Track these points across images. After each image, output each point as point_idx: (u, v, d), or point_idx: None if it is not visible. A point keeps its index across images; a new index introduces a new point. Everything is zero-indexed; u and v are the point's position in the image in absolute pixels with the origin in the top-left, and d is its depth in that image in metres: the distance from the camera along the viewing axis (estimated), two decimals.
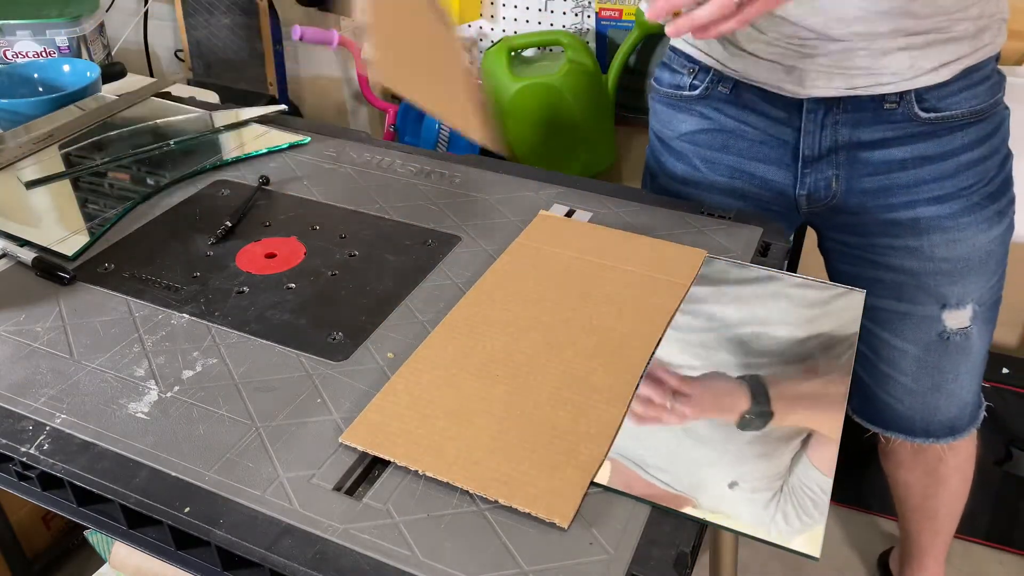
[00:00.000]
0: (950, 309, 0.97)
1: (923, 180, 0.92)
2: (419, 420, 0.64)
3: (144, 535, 0.61)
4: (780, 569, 1.51)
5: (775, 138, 0.96)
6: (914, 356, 1.01)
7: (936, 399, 1.04)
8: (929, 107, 0.89)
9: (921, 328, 0.99)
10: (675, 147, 1.04)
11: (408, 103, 1.85)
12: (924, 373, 1.02)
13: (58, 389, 0.68)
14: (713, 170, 1.01)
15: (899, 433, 1.08)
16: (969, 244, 0.94)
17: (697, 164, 1.02)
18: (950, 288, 0.96)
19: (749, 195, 1.01)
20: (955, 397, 1.04)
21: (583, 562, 0.54)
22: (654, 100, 1.07)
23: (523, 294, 0.78)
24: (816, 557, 0.55)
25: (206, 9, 1.98)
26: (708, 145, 1.00)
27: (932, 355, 1.01)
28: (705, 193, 1.03)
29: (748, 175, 0.99)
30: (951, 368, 1.01)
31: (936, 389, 1.03)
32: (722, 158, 1.00)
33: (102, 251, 0.86)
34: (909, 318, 1.00)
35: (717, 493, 0.59)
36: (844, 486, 1.61)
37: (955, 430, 1.07)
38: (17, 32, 1.46)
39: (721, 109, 0.98)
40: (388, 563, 0.54)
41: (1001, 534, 1.53)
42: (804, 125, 0.93)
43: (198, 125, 1.11)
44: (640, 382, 0.68)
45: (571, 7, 1.68)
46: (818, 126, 0.92)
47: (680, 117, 1.02)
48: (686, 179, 1.04)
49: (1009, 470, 1.45)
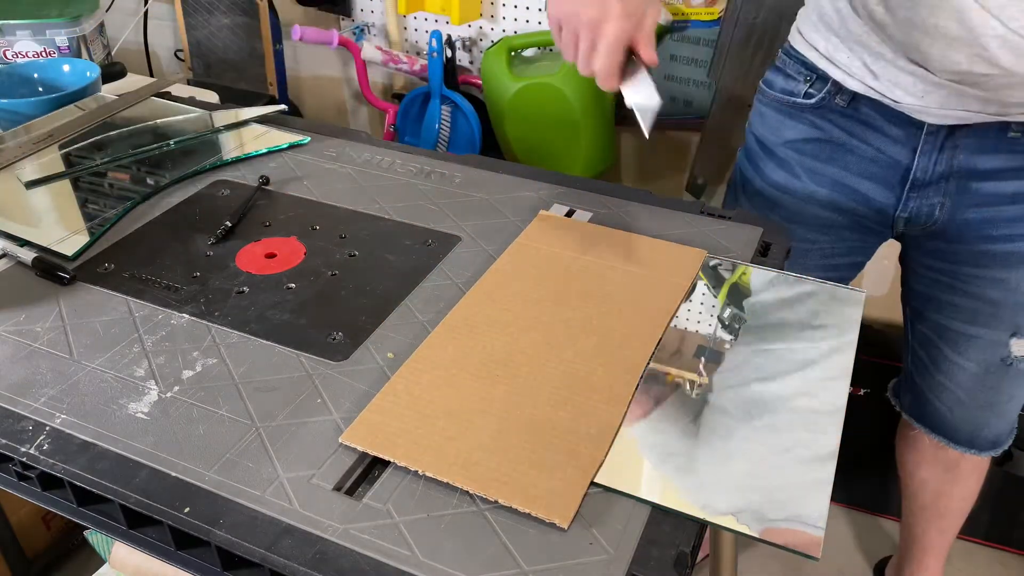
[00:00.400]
0: (1020, 337, 0.97)
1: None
2: (419, 420, 0.64)
3: (144, 535, 0.61)
4: (780, 569, 1.51)
5: (887, 157, 0.93)
6: (973, 374, 1.01)
7: (987, 416, 1.05)
8: None
9: (987, 351, 0.99)
10: (778, 153, 1.01)
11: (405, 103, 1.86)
12: (980, 391, 1.02)
13: (58, 389, 0.68)
14: (814, 180, 0.99)
15: (944, 438, 1.09)
16: None
17: (799, 172, 1.00)
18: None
19: (846, 209, 0.99)
20: (1006, 416, 1.05)
21: (583, 562, 0.54)
22: (760, 103, 1.04)
23: (523, 294, 0.78)
24: (816, 557, 0.55)
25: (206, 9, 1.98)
26: (813, 155, 0.98)
27: (992, 376, 1.01)
28: (801, 203, 1.01)
29: (851, 190, 0.97)
30: (1008, 390, 1.02)
31: (989, 407, 1.04)
32: (826, 169, 0.97)
33: (102, 251, 0.86)
34: (977, 340, 1.00)
35: (717, 493, 0.59)
36: (844, 486, 1.61)
37: (997, 444, 1.08)
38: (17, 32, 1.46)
39: (834, 120, 0.95)
40: (388, 563, 0.54)
41: (1001, 534, 1.53)
42: (921, 147, 0.90)
43: (198, 125, 1.11)
44: (640, 382, 0.68)
45: None
46: (936, 148, 0.89)
47: (789, 124, 0.99)
48: (785, 187, 1.01)
49: (1009, 470, 1.45)
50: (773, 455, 0.62)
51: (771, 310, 0.77)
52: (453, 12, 1.67)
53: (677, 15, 1.56)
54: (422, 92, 1.83)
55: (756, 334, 0.75)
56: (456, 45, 1.79)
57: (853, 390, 1.19)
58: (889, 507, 1.59)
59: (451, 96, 1.78)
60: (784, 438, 0.64)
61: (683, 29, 1.57)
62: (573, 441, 0.62)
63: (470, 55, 1.84)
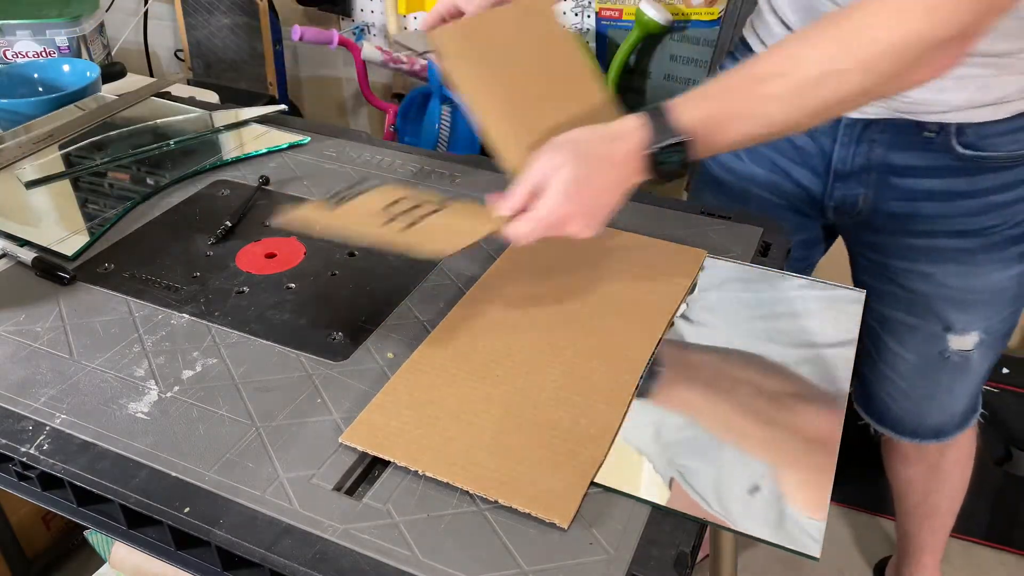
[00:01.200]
0: (955, 333, 0.99)
1: (948, 214, 0.91)
2: (419, 420, 0.64)
3: (144, 535, 0.61)
4: (780, 569, 1.51)
5: (815, 144, 0.95)
6: (913, 364, 1.02)
7: (928, 406, 1.06)
8: (967, 143, 0.87)
9: (925, 343, 1.00)
10: None
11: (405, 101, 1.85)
12: (920, 382, 1.04)
13: (58, 389, 0.68)
14: (755, 161, 1.02)
15: (889, 430, 1.11)
16: (983, 279, 0.94)
17: (741, 153, 1.03)
18: (957, 315, 0.97)
19: (784, 192, 1.01)
20: (946, 408, 1.07)
21: (583, 562, 0.54)
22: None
23: (523, 294, 0.78)
24: (816, 557, 0.55)
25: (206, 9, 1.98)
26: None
27: (930, 368, 1.02)
28: (745, 183, 1.03)
29: (785, 173, 1.00)
30: (947, 382, 1.03)
31: (930, 398, 1.06)
32: (765, 151, 1.01)
33: (102, 251, 0.86)
34: (915, 331, 1.01)
35: (717, 493, 0.59)
36: (844, 486, 1.61)
37: (941, 434, 1.09)
38: (17, 32, 1.46)
39: None
40: (388, 563, 0.54)
41: (1001, 534, 1.52)
42: (840, 138, 0.92)
43: (198, 125, 1.11)
44: (640, 382, 0.68)
45: (571, 7, 1.68)
46: (853, 141, 0.91)
47: None
48: (730, 167, 1.05)
49: (1009, 470, 1.45)
50: (773, 455, 0.62)
51: (771, 309, 0.77)
52: None
53: (677, 15, 1.56)
54: (422, 92, 1.83)
55: (756, 334, 0.75)
56: None
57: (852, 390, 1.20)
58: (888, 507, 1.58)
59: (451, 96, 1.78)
60: (784, 438, 0.64)
61: (683, 29, 1.57)
62: (573, 441, 0.62)
63: None
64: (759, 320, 0.76)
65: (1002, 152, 0.87)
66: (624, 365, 0.70)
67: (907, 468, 1.21)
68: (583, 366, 0.69)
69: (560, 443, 0.62)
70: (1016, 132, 0.86)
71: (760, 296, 0.79)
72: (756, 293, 0.79)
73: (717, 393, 0.68)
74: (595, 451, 0.62)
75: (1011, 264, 0.94)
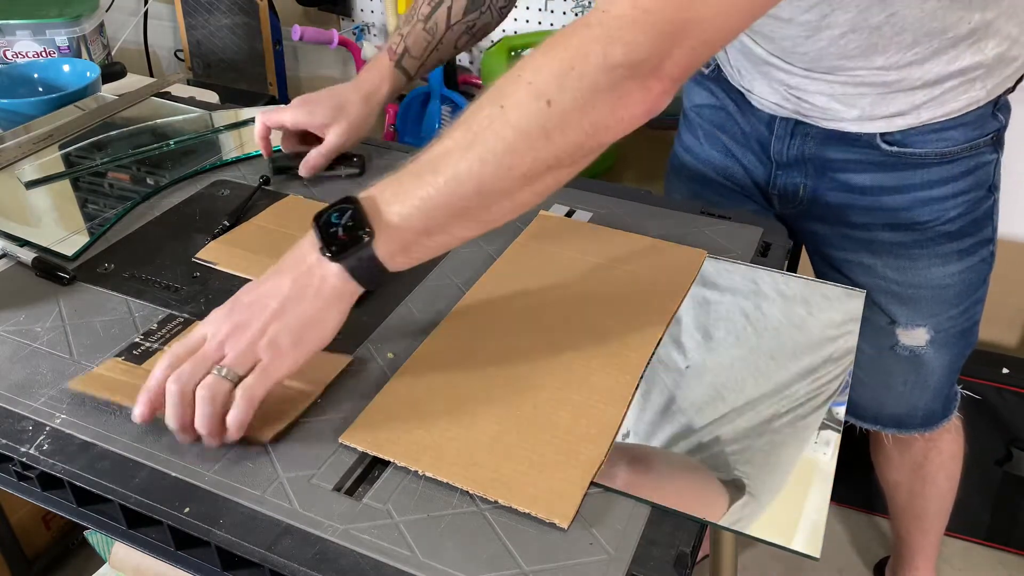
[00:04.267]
0: (901, 327, 1.00)
1: (879, 207, 0.92)
2: (419, 420, 0.64)
3: (144, 535, 0.61)
4: (780, 569, 1.51)
5: (758, 133, 0.97)
6: (868, 355, 1.03)
7: (885, 396, 1.07)
8: (892, 141, 0.88)
9: (877, 335, 1.01)
10: (689, 116, 1.08)
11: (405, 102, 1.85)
12: (875, 371, 1.05)
13: (58, 389, 0.68)
14: (711, 144, 1.04)
15: (851, 417, 1.11)
16: (921, 275, 0.95)
17: (700, 136, 1.05)
18: (899, 308, 0.98)
19: (736, 179, 1.03)
20: (904, 399, 1.07)
21: (583, 562, 0.54)
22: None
23: (523, 294, 0.78)
24: (816, 557, 0.55)
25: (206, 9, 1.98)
26: (710, 120, 1.03)
27: (884, 359, 1.03)
28: (703, 166, 1.05)
29: (736, 159, 1.02)
30: (900, 375, 1.04)
31: (886, 388, 1.06)
32: (719, 136, 1.02)
33: (102, 251, 0.86)
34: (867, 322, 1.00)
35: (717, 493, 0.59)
36: (844, 486, 1.61)
37: (903, 425, 1.10)
38: (17, 32, 1.46)
39: (727, 91, 1.00)
40: (388, 563, 0.54)
41: (1001, 534, 1.53)
42: (776, 130, 0.94)
43: (198, 125, 1.11)
44: (640, 382, 0.68)
45: (571, 7, 1.68)
46: (788, 133, 0.94)
47: (695, 89, 1.05)
48: (690, 149, 1.08)
49: (1009, 470, 1.45)
50: (773, 455, 0.62)
51: (771, 310, 0.77)
52: None
53: None
54: (422, 92, 1.83)
55: (756, 334, 0.75)
56: None
57: None
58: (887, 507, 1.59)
59: (451, 96, 1.78)
60: (784, 438, 0.64)
61: None
62: (573, 441, 0.62)
63: (470, 55, 1.84)
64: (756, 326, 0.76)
65: (929, 149, 0.88)
66: (624, 365, 0.70)
67: (892, 471, 1.22)
68: (583, 366, 0.69)
69: (560, 443, 0.62)
70: (940, 131, 0.87)
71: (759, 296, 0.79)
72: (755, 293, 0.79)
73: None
74: (595, 451, 0.61)
75: (950, 260, 0.94)
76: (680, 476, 0.62)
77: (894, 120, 0.86)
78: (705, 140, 1.05)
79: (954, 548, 1.50)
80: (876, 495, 1.59)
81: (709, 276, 0.81)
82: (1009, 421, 1.43)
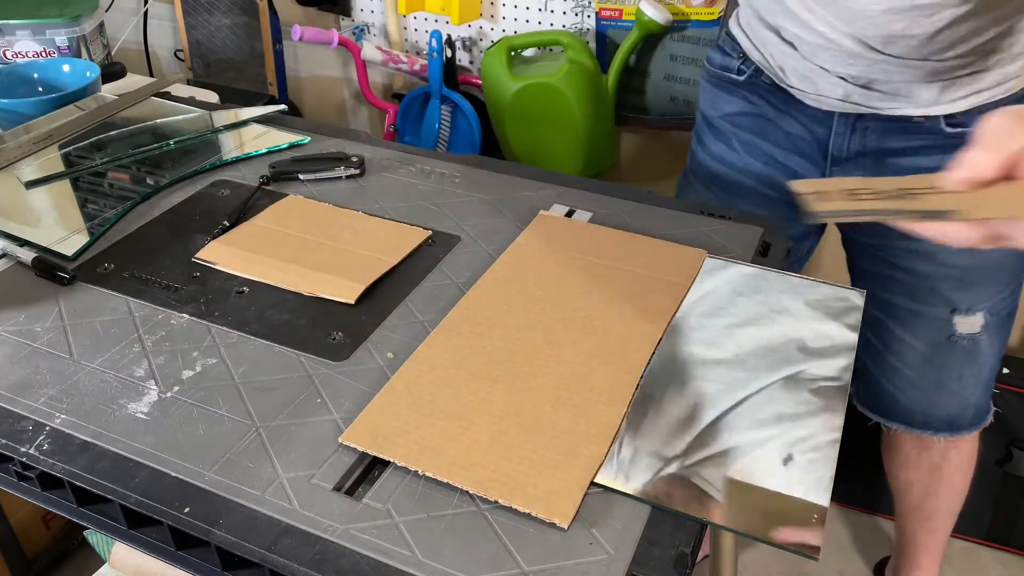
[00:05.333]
0: (960, 314, 0.99)
1: None
2: (419, 420, 0.64)
3: (144, 535, 0.61)
4: (780, 569, 1.51)
5: (810, 133, 0.96)
6: (922, 353, 1.02)
7: (938, 395, 1.06)
8: (956, 123, 0.88)
9: (932, 328, 1.00)
10: (717, 126, 1.06)
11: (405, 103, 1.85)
12: (929, 370, 1.04)
13: (58, 389, 0.68)
14: (749, 153, 1.03)
15: (900, 424, 1.10)
16: (983, 255, 0.94)
17: (735, 145, 1.04)
18: (961, 294, 0.97)
19: (779, 185, 1.02)
20: (957, 396, 1.05)
21: (583, 562, 0.54)
22: (703, 79, 1.08)
23: (523, 294, 0.78)
24: (816, 558, 0.55)
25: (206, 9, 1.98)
26: (748, 128, 1.02)
27: (939, 354, 1.02)
28: (739, 175, 1.04)
29: (781, 165, 1.00)
30: (955, 369, 1.03)
31: (939, 386, 1.05)
32: (759, 143, 1.01)
33: (102, 251, 0.86)
34: (921, 317, 1.01)
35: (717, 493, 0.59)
36: (845, 486, 1.61)
37: (954, 427, 1.08)
38: (17, 32, 1.46)
39: (764, 96, 0.99)
40: (388, 563, 0.54)
41: (1001, 534, 1.52)
42: (835, 127, 0.94)
43: (198, 125, 1.11)
44: (640, 382, 0.68)
45: (571, 7, 1.68)
46: (848, 128, 0.93)
47: (725, 98, 1.04)
48: (723, 159, 1.06)
49: (1009, 470, 1.45)
50: (773, 455, 0.62)
51: (771, 309, 0.77)
52: (453, 12, 1.67)
53: (677, 15, 1.56)
54: (422, 92, 1.83)
55: (756, 334, 0.74)
56: (456, 45, 1.79)
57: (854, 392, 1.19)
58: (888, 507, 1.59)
59: (451, 96, 1.78)
60: (784, 438, 0.64)
61: (683, 29, 1.57)
62: (573, 441, 0.62)
63: (470, 55, 1.84)
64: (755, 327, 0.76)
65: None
66: (624, 365, 0.70)
67: (907, 471, 1.20)
68: (583, 366, 0.69)
69: (560, 443, 0.62)
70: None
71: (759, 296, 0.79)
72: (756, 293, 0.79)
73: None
74: (595, 451, 0.61)
75: None
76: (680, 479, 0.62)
77: (957, 103, 0.86)
78: (742, 149, 1.03)
79: (954, 548, 1.50)
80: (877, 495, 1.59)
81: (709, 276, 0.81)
82: (1009, 421, 1.43)
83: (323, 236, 0.86)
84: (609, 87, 1.65)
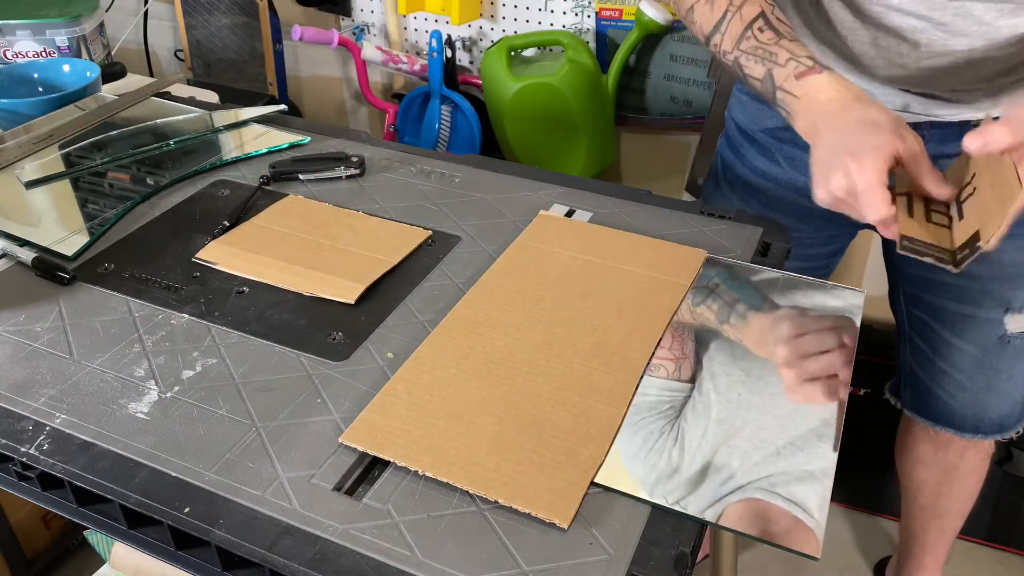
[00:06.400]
0: (1013, 313, 0.98)
1: None
2: (419, 420, 0.64)
3: (144, 535, 0.61)
4: (780, 569, 1.51)
5: None
6: (972, 355, 1.01)
7: (988, 397, 1.05)
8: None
9: (983, 330, 1.00)
10: (760, 140, 1.04)
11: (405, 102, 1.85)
12: (980, 372, 1.03)
13: (58, 389, 0.68)
14: (794, 167, 1.01)
15: (949, 428, 1.09)
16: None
17: (779, 159, 1.02)
18: (1015, 292, 0.97)
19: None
20: (1007, 397, 1.05)
21: (583, 562, 0.54)
22: (739, 90, 1.06)
23: (523, 294, 0.78)
24: (816, 557, 0.55)
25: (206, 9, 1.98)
26: (792, 142, 1.00)
27: (990, 356, 1.01)
28: (782, 189, 1.02)
29: None
30: (1007, 369, 1.02)
31: (990, 388, 1.04)
32: (804, 157, 0.99)
33: (102, 251, 0.86)
34: (972, 320, 1.00)
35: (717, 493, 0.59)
36: (845, 486, 1.61)
37: (1004, 428, 1.08)
38: (17, 32, 1.46)
39: None
40: (388, 563, 0.54)
41: (1001, 534, 1.53)
42: None
43: (198, 125, 1.11)
44: (640, 382, 0.68)
45: (571, 7, 1.68)
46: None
47: (767, 111, 1.01)
48: (766, 173, 1.04)
49: (1009, 470, 1.45)
50: (772, 454, 0.62)
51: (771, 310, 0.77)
52: (453, 12, 1.67)
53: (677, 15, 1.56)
54: (422, 92, 1.83)
55: (756, 334, 0.74)
56: (456, 45, 1.79)
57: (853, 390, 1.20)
58: (889, 507, 1.59)
59: (451, 96, 1.78)
60: (784, 437, 0.64)
61: (683, 29, 1.57)
62: (573, 441, 0.62)
63: (470, 55, 1.84)
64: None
65: None
66: (624, 365, 0.70)
67: (922, 470, 1.20)
68: (583, 366, 0.69)
69: (560, 443, 0.62)
70: None
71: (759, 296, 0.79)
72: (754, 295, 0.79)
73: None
74: (595, 451, 0.62)
75: None
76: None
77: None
78: (786, 164, 1.01)
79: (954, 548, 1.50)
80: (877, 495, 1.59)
81: (709, 276, 0.81)
82: None
83: (323, 236, 0.86)
84: (609, 87, 1.65)
